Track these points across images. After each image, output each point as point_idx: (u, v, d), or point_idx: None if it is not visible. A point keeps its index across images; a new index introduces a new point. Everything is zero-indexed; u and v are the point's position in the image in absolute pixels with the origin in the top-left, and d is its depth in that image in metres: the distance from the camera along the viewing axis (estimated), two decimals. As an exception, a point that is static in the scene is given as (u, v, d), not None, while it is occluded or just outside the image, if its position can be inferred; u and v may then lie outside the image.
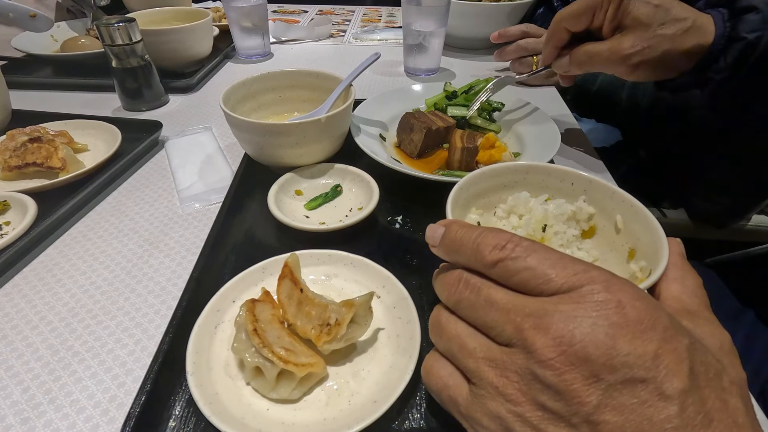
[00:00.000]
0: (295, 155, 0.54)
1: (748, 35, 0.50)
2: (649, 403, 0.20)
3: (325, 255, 0.44)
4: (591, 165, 0.65)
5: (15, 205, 0.52)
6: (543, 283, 0.23)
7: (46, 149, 0.57)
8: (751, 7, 0.50)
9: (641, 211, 0.36)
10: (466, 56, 1.05)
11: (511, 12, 0.99)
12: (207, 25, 0.90)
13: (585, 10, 0.52)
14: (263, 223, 0.51)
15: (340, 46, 1.13)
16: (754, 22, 0.50)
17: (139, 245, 0.50)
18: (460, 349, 0.25)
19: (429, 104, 0.71)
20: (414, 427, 0.33)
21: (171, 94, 0.84)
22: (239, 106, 0.60)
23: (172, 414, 0.33)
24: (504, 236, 0.25)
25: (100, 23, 0.70)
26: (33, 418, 0.34)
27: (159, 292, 0.45)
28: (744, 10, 0.51)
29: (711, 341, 0.24)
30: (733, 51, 0.51)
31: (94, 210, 0.56)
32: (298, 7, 1.45)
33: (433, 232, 0.29)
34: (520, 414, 0.22)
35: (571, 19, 0.53)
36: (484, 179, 0.41)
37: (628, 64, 0.52)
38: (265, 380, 0.33)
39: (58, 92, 0.85)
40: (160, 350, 0.35)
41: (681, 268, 0.30)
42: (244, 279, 0.41)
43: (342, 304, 0.35)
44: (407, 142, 0.62)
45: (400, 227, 0.52)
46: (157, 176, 0.62)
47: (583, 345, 0.20)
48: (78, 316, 0.42)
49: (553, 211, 0.38)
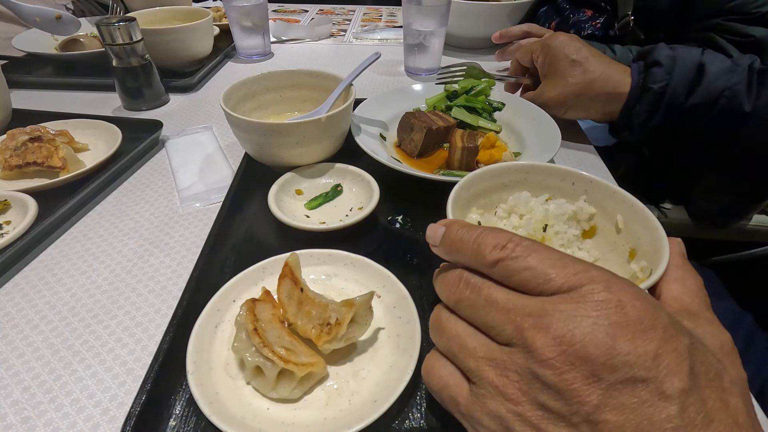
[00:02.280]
0: (296, 155, 0.54)
1: (653, 86, 0.59)
2: (649, 403, 0.20)
3: (326, 254, 0.44)
4: (591, 165, 0.65)
5: (15, 204, 0.52)
6: (543, 283, 0.23)
7: (46, 149, 0.58)
8: (655, 61, 0.60)
9: (642, 211, 0.36)
10: (467, 56, 1.04)
11: (512, 12, 0.99)
12: (207, 25, 0.90)
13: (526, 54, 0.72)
14: (263, 223, 0.51)
15: (340, 46, 1.13)
16: (659, 74, 0.59)
17: (139, 245, 0.50)
18: (461, 348, 0.25)
19: (429, 104, 0.71)
20: (414, 426, 0.33)
21: (171, 93, 0.84)
22: (240, 106, 0.60)
23: (173, 413, 0.33)
24: (504, 236, 0.25)
25: (101, 23, 0.70)
26: (33, 417, 0.34)
27: (159, 292, 0.45)
28: (652, 64, 0.60)
29: (712, 341, 0.24)
30: (646, 99, 0.60)
31: (94, 209, 0.56)
32: (298, 7, 1.45)
33: (434, 231, 0.29)
34: (520, 413, 0.22)
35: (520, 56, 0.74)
36: (485, 179, 0.41)
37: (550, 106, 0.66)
38: (266, 380, 0.33)
39: (58, 91, 0.85)
40: (161, 349, 0.35)
41: (682, 268, 0.30)
42: (245, 278, 0.41)
43: (342, 304, 0.35)
44: (408, 141, 0.62)
45: (400, 227, 0.52)
46: (158, 176, 0.62)
47: (583, 344, 0.20)
48: (78, 316, 0.42)
49: (554, 211, 0.38)
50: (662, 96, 0.59)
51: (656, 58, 0.60)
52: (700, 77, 0.58)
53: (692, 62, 0.59)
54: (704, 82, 0.58)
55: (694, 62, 0.59)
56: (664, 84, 0.58)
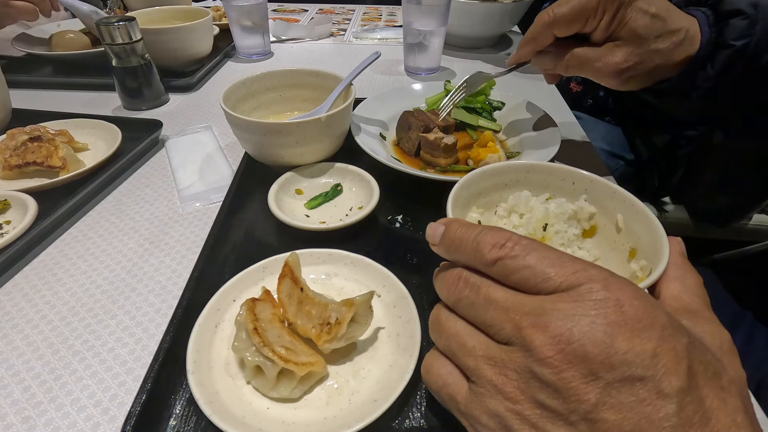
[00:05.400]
0: (296, 154, 0.54)
1: (735, 42, 0.47)
2: (647, 402, 0.20)
3: (326, 254, 0.44)
4: (591, 164, 0.65)
5: (15, 204, 0.52)
6: (542, 282, 0.23)
7: (46, 148, 0.58)
8: (737, 11, 0.47)
9: (642, 211, 0.36)
10: (467, 55, 1.04)
11: (512, 12, 0.99)
12: (207, 24, 0.90)
13: (577, 16, 0.48)
14: (263, 223, 0.51)
15: (340, 45, 1.13)
16: (741, 28, 0.47)
17: (139, 244, 0.50)
18: (460, 347, 0.25)
19: (429, 103, 0.71)
20: (414, 426, 0.33)
21: (171, 93, 0.84)
22: (239, 105, 0.60)
23: (173, 413, 0.33)
24: (503, 235, 0.25)
25: (101, 22, 0.70)
26: (34, 416, 0.34)
27: (159, 291, 0.45)
28: (729, 14, 0.48)
29: (710, 340, 0.24)
30: (720, 58, 0.48)
31: (94, 209, 0.56)
32: (298, 6, 1.45)
33: (434, 230, 0.29)
34: (519, 412, 0.22)
35: (561, 26, 0.49)
36: (485, 178, 0.41)
37: (619, 78, 0.50)
38: (266, 379, 0.33)
39: (58, 91, 0.85)
40: (161, 349, 0.35)
41: (681, 267, 0.30)
42: (245, 278, 0.41)
43: (342, 303, 0.35)
44: (406, 140, 0.62)
45: (400, 226, 0.52)
46: (158, 175, 0.62)
47: (581, 343, 0.20)
48: (79, 315, 0.42)
49: (554, 210, 0.38)
50: (742, 55, 0.47)
51: (736, 6, 0.47)
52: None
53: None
54: None
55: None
56: (747, 41, 0.46)
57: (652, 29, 0.47)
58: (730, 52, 0.47)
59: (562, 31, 0.50)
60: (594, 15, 0.48)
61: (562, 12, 0.48)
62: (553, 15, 0.49)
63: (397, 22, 1.31)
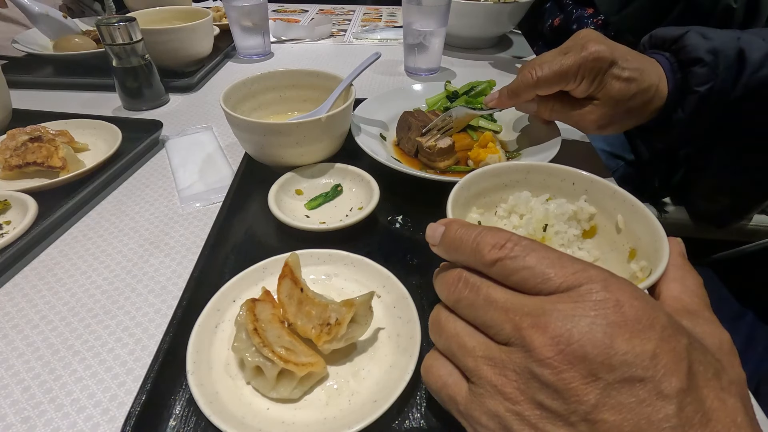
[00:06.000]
0: (296, 155, 0.54)
1: (699, 88, 0.50)
2: (647, 402, 0.20)
3: (326, 254, 0.44)
4: (591, 164, 0.65)
5: (15, 204, 0.52)
6: (541, 282, 0.23)
7: (46, 148, 0.58)
8: (697, 59, 0.50)
9: (642, 211, 0.36)
10: (467, 56, 1.04)
11: (512, 12, 0.99)
12: (207, 25, 0.90)
13: (558, 80, 0.52)
14: (263, 223, 0.51)
15: (340, 46, 1.13)
16: (703, 75, 0.50)
17: (139, 244, 0.50)
18: (460, 347, 0.25)
19: (430, 104, 0.71)
20: (414, 426, 0.33)
21: (171, 93, 0.84)
22: (239, 106, 0.60)
23: (173, 413, 0.33)
24: (503, 235, 0.25)
25: (101, 22, 0.70)
26: (33, 417, 0.34)
27: (159, 292, 0.45)
28: (690, 61, 0.51)
29: (710, 341, 0.24)
30: (689, 102, 0.51)
31: (94, 209, 0.56)
32: (298, 7, 1.45)
33: (434, 231, 0.29)
34: (519, 412, 0.22)
35: (543, 87, 0.53)
36: (485, 178, 0.41)
37: (597, 130, 0.55)
38: (266, 380, 0.33)
39: (58, 91, 0.85)
40: (161, 349, 0.35)
41: (681, 267, 0.30)
42: (245, 278, 0.41)
43: (342, 304, 0.35)
44: (406, 140, 0.62)
45: (400, 227, 0.52)
46: (158, 176, 0.62)
47: (581, 344, 0.20)
48: (78, 315, 0.42)
49: (554, 211, 0.38)
50: (707, 98, 0.51)
51: (696, 55, 0.50)
52: (742, 68, 0.50)
53: (733, 51, 0.50)
54: (746, 73, 0.50)
55: (734, 51, 0.50)
56: (710, 86, 0.50)
57: (627, 92, 0.51)
58: (696, 97, 0.51)
59: (543, 91, 0.54)
60: (574, 79, 0.52)
61: (545, 75, 0.52)
62: (536, 78, 0.53)
63: (398, 23, 1.31)
